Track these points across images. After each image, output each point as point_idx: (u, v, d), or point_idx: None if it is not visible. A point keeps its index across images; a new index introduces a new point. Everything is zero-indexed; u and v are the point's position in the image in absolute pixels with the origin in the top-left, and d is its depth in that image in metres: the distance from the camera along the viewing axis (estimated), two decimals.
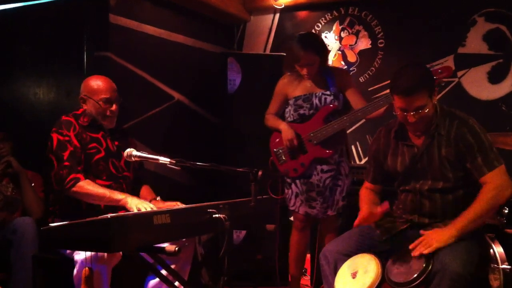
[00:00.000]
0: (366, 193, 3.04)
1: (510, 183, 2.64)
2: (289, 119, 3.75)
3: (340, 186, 3.62)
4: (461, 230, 2.56)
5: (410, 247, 2.57)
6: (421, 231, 2.65)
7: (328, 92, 3.61)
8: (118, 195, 2.95)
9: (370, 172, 3.06)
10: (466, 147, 2.65)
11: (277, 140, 3.76)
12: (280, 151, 3.74)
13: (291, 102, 3.71)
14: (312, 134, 3.60)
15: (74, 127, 3.08)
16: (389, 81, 2.76)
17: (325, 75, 3.65)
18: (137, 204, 2.87)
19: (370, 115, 3.49)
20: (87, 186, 2.96)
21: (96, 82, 3.19)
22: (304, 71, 3.60)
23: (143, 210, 2.82)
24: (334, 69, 3.87)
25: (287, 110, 3.78)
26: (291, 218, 4.01)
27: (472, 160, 2.64)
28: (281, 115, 3.83)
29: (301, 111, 3.65)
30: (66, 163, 2.98)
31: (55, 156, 3.02)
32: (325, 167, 3.62)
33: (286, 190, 3.77)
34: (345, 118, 3.50)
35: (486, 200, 2.60)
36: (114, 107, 3.17)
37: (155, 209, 2.83)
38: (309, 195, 3.65)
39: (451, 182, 2.71)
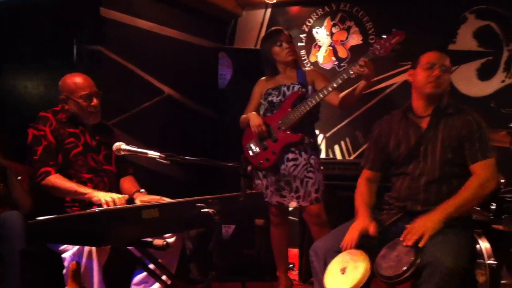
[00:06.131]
0: (365, 191, 2.99)
1: (496, 176, 2.76)
2: (261, 112, 3.84)
3: (312, 178, 3.63)
4: (448, 216, 2.61)
5: (401, 238, 2.58)
6: (406, 226, 2.68)
7: (296, 82, 3.72)
8: (85, 189, 2.96)
9: (370, 158, 3.05)
10: (468, 133, 2.73)
11: (248, 134, 3.82)
12: (252, 144, 3.80)
13: (263, 95, 3.82)
14: (281, 121, 3.66)
15: (51, 123, 3.11)
16: (379, 77, 2.80)
17: (297, 70, 3.78)
18: (103, 196, 2.87)
19: (338, 99, 3.57)
20: (56, 179, 2.99)
21: (73, 80, 3.19)
22: (285, 48, 3.71)
23: (104, 201, 2.81)
24: (306, 69, 3.91)
25: (261, 107, 3.87)
26: None
27: (470, 146, 2.72)
28: None
29: (270, 98, 3.76)
30: (39, 158, 3.02)
31: (29, 150, 3.07)
32: (290, 156, 3.68)
33: (256, 181, 3.81)
34: (310, 99, 3.56)
35: (473, 188, 2.68)
36: (95, 101, 3.17)
37: (117, 200, 2.84)
38: (279, 184, 3.71)
39: (449, 167, 2.76)
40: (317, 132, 4.05)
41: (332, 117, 5.27)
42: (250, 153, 3.80)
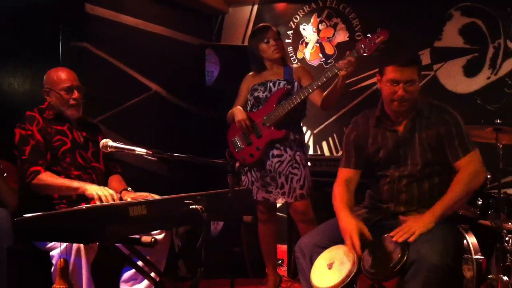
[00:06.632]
0: (342, 192, 2.92)
1: (483, 168, 2.76)
2: (248, 107, 3.86)
3: (297, 174, 3.65)
4: (440, 216, 2.62)
5: (391, 234, 2.59)
6: (401, 217, 2.70)
7: (282, 79, 3.74)
8: (76, 183, 2.98)
9: (352, 158, 2.99)
10: (446, 131, 2.73)
11: (233, 129, 3.83)
12: (237, 139, 3.81)
13: (249, 91, 3.83)
14: (265, 118, 3.68)
15: (38, 122, 3.11)
16: (366, 74, 2.81)
17: (284, 67, 3.80)
18: (97, 190, 2.88)
19: (320, 98, 3.59)
20: (46, 177, 2.99)
21: (56, 73, 3.22)
22: (272, 46, 3.72)
23: (103, 195, 2.84)
24: (294, 66, 3.93)
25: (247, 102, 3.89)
26: None
27: (450, 144, 2.72)
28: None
29: (256, 94, 3.77)
30: (27, 157, 3.02)
31: (17, 150, 3.06)
32: (275, 152, 3.69)
33: (242, 177, 3.82)
34: (294, 96, 3.57)
35: (462, 186, 2.68)
36: (75, 94, 3.18)
37: (115, 195, 2.89)
38: (265, 180, 3.73)
39: (430, 166, 2.76)
40: (304, 128, 4.06)
41: (320, 113, 5.27)
42: (235, 148, 3.81)
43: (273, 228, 3.93)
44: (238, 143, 3.79)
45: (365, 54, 3.27)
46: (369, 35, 3.24)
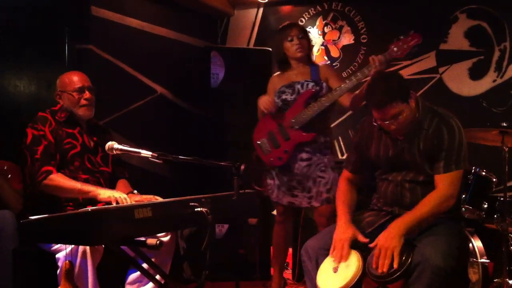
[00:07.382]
0: (345, 190, 2.99)
1: (456, 193, 2.67)
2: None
3: (325, 178, 3.60)
4: (407, 230, 2.57)
5: (373, 266, 2.55)
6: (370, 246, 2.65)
7: (310, 80, 3.67)
8: (89, 187, 2.97)
9: (352, 161, 3.03)
10: (438, 142, 2.67)
11: (259, 131, 3.78)
12: (264, 141, 3.74)
13: (276, 93, 3.76)
14: (293, 120, 3.62)
15: (50, 123, 3.12)
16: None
17: (310, 66, 3.74)
18: (110, 194, 2.89)
19: (349, 99, 3.54)
20: (58, 178, 2.98)
21: (68, 76, 3.26)
22: (295, 44, 3.67)
23: (119, 196, 2.86)
24: (320, 64, 3.90)
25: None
26: (274, 212, 4.03)
27: (438, 156, 2.67)
28: None
29: (283, 96, 3.70)
30: (39, 157, 3.01)
31: (29, 150, 3.05)
32: (304, 155, 3.64)
33: (268, 181, 3.78)
34: (323, 98, 3.52)
35: (431, 206, 2.63)
36: (87, 94, 3.20)
37: (127, 199, 2.90)
38: (290, 184, 3.67)
39: (431, 175, 2.73)
40: None
41: None
42: (262, 150, 3.75)
43: (286, 230, 3.90)
44: (266, 146, 3.74)
45: (397, 57, 3.24)
46: (401, 37, 3.20)
